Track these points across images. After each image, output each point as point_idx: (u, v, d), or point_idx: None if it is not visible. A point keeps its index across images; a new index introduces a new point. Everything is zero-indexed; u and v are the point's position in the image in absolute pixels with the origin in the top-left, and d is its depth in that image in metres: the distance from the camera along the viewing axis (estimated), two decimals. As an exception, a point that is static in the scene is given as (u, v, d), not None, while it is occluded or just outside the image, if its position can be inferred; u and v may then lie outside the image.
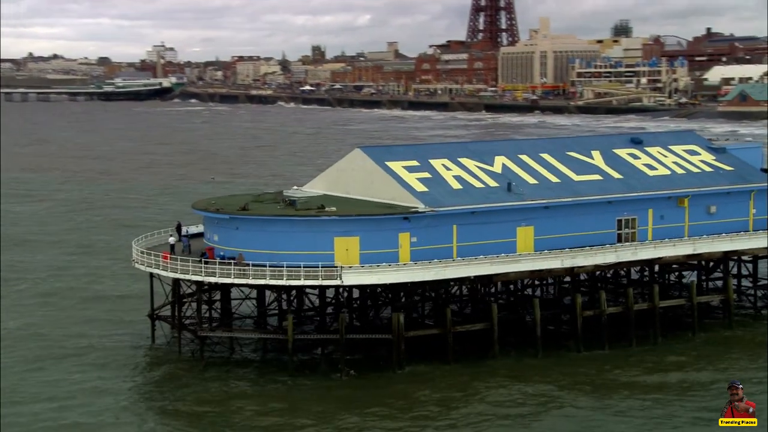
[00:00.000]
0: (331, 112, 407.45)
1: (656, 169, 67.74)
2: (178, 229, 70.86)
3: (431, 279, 58.34)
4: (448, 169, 65.24)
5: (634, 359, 59.88)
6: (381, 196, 63.73)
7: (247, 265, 58.51)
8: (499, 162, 66.62)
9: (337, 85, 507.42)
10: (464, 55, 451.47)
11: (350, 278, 57.20)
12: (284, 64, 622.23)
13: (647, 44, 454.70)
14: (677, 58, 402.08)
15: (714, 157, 69.86)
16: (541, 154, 67.93)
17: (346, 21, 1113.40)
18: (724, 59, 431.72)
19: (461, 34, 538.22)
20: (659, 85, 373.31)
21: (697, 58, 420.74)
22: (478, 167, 65.66)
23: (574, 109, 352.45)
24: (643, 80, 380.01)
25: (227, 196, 74.35)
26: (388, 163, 65.17)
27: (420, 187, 62.78)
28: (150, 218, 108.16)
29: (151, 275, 65.57)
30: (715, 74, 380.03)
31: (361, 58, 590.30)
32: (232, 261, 60.07)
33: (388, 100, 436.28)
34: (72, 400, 55.31)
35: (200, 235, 70.18)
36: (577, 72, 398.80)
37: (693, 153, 70.54)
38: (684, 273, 71.02)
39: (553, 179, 65.13)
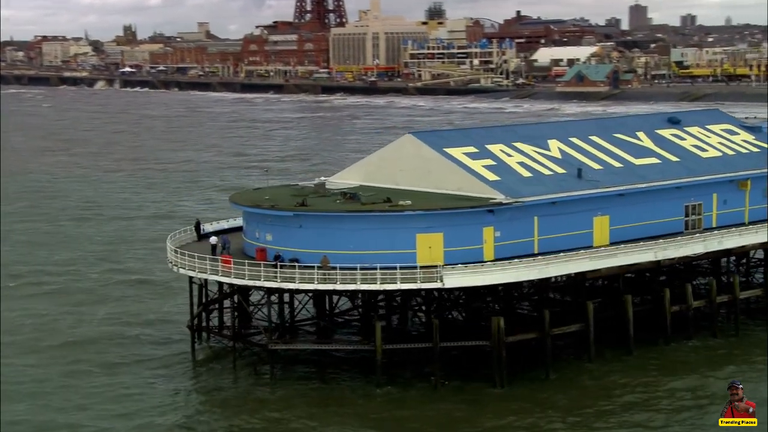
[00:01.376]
0: (169, 94, 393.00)
1: (706, 150, 65.67)
2: (197, 227, 63.40)
3: (534, 278, 53.43)
4: (508, 155, 60.74)
5: (722, 352, 57.36)
6: (443, 186, 58.49)
7: (334, 268, 52.08)
8: (554, 146, 62.72)
9: (161, 67, 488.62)
10: (294, 36, 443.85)
11: (452, 280, 51.72)
12: (96, 45, 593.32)
13: (469, 26, 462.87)
14: (505, 39, 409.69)
15: (753, 137, 68.46)
16: (591, 137, 64.53)
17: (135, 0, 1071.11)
18: (542, 41, 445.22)
19: (257, 15, 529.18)
20: (491, 66, 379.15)
21: (517, 40, 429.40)
22: (537, 152, 61.52)
23: (414, 90, 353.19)
24: (476, 61, 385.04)
25: (250, 190, 67.12)
26: (447, 150, 60.04)
27: (490, 176, 57.99)
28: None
29: (191, 280, 58.06)
30: (543, 55, 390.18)
31: (178, 39, 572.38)
32: (295, 263, 53.45)
33: (218, 82, 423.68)
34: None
35: (220, 232, 63.38)
36: (410, 53, 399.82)
37: (732, 132, 68.98)
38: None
39: (615, 164, 61.83)
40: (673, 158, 63.81)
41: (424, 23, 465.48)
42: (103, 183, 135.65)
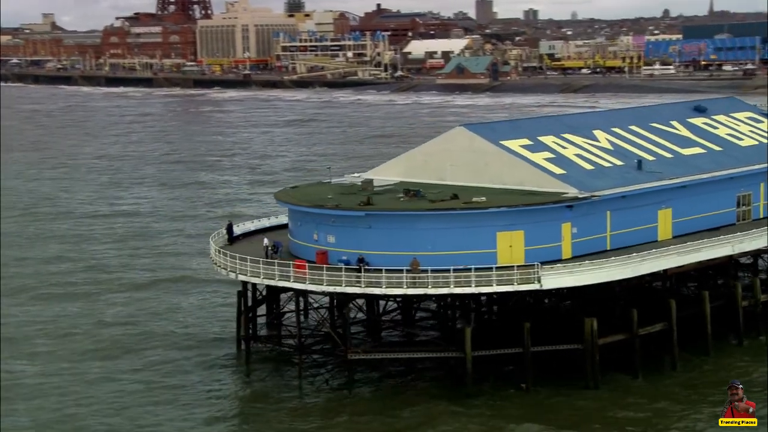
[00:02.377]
0: (28, 89, 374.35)
1: (742, 139, 64.83)
2: (230, 229, 58.45)
3: (628, 276, 50.60)
4: (563, 147, 58.21)
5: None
6: (503, 181, 55.47)
7: (425, 271, 48.14)
8: (602, 137, 60.62)
9: (14, 60, 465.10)
10: (158, 29, 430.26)
11: (551, 281, 48.54)
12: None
13: (336, 19, 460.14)
14: (376, 32, 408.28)
15: (776, 126, 68.03)
16: (630, 126, 62.62)
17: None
18: (410, 34, 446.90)
19: (94, 8, 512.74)
20: (365, 59, 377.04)
21: (383, 33, 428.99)
22: (588, 143, 59.24)
23: (290, 83, 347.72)
24: (349, 54, 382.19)
25: (287, 188, 62.23)
26: (504, 143, 56.91)
27: (556, 169, 55.33)
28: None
29: (245, 286, 53.25)
30: (417, 48, 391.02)
31: (27, 30, 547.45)
32: (362, 266, 49.33)
33: (80, 75, 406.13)
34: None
35: (248, 234, 58.75)
36: (282, 46, 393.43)
37: (756, 120, 68.32)
38: None
39: (666, 154, 60.15)
40: (716, 147, 62.70)
41: (291, 15, 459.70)
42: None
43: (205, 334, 60.13)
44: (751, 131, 66.20)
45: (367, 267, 48.81)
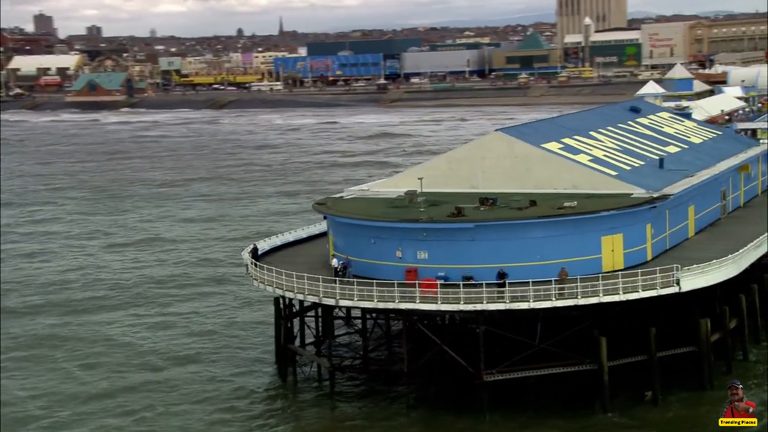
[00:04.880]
0: None
1: (689, 137, 66.82)
2: (255, 252, 50.75)
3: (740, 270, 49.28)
4: (589, 147, 56.36)
5: None
6: (551, 185, 52.55)
7: (573, 281, 43.75)
8: (603, 138, 59.52)
9: None
10: None
11: (689, 283, 46.13)
12: None
13: None
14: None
15: (695, 124, 71.21)
16: (601, 129, 61.91)
17: None
18: (1, 49, 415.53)
19: None
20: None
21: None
22: (600, 145, 57.88)
23: None
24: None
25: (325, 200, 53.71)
26: (544, 146, 53.81)
27: (607, 170, 53.36)
28: None
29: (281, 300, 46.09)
30: (26, 64, 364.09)
31: None
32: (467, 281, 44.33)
33: None
34: None
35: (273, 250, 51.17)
36: None
37: (678, 120, 70.95)
38: None
39: (660, 153, 60.26)
40: (683, 145, 64.09)
41: None
42: None
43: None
44: (687, 130, 68.69)
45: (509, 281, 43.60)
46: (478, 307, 43.52)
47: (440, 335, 46.73)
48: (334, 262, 47.79)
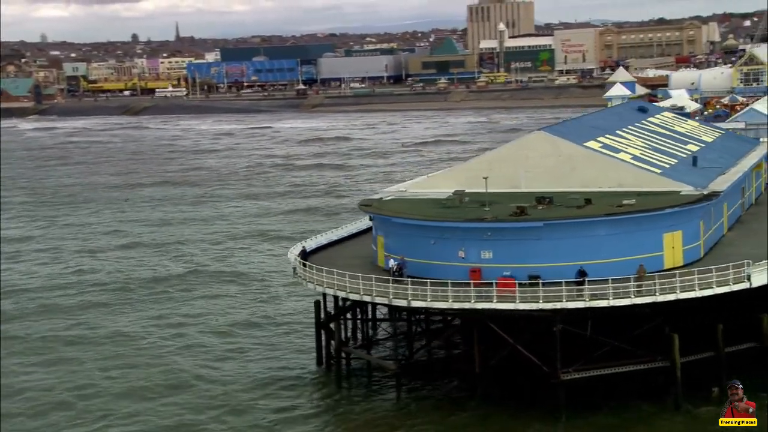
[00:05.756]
0: None
1: (700, 136, 67.32)
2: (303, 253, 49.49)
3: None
4: (624, 146, 56.16)
5: None
6: (596, 183, 52.11)
7: (651, 279, 43.19)
8: (630, 137, 59.40)
9: None
10: None
11: (759, 278, 45.97)
12: None
13: None
14: None
15: (697, 123, 71.91)
16: (624, 128, 61.96)
17: None
18: None
19: None
20: None
21: None
22: (632, 144, 57.74)
23: None
24: None
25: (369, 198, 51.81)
26: (587, 145, 53.38)
27: (651, 168, 53.23)
28: None
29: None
30: None
31: None
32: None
33: None
34: None
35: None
36: None
37: (682, 120, 71.49)
38: None
39: (686, 151, 60.63)
40: (701, 144, 64.49)
41: None
42: None
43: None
44: (695, 129, 69.24)
45: (588, 279, 42.86)
46: (558, 305, 42.72)
47: (512, 335, 45.75)
48: (391, 262, 46.50)
